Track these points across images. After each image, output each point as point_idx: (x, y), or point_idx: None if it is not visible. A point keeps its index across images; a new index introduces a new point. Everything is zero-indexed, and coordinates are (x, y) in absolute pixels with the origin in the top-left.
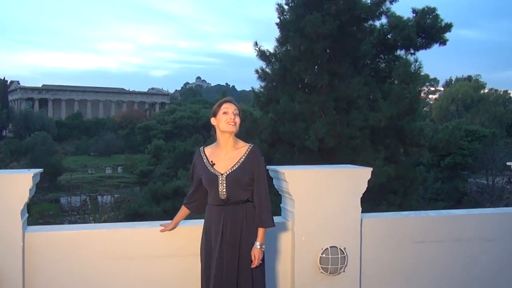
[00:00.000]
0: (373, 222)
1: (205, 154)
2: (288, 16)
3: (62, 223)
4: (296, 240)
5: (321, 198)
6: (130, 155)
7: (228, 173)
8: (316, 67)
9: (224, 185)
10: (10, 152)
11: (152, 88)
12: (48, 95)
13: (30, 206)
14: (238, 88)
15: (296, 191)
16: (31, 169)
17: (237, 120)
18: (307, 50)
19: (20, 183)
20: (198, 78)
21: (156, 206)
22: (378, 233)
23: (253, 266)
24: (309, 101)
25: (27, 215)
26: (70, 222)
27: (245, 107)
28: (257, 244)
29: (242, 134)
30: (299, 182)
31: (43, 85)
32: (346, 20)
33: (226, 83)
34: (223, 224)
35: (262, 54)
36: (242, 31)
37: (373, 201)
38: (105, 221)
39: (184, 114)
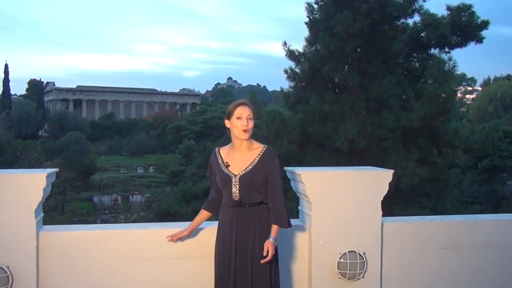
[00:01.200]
0: (395, 226)
1: (220, 155)
2: (317, 15)
3: (95, 222)
4: (313, 244)
5: (339, 200)
6: (162, 155)
7: (241, 174)
8: (346, 66)
9: (238, 186)
10: (45, 151)
11: (184, 89)
12: (82, 96)
13: (64, 205)
14: (270, 89)
15: (313, 193)
16: (46, 169)
17: (251, 125)
18: (337, 49)
19: (34, 182)
20: (230, 78)
21: (186, 206)
22: (400, 237)
23: (265, 260)
24: (339, 101)
25: (42, 214)
26: (102, 221)
27: (275, 107)
28: (271, 237)
29: (271, 134)
30: (316, 184)
31: (77, 86)
32: (377, 18)
33: (258, 84)
34: (237, 226)
35: (291, 54)
36: (273, 31)
37: (405, 203)
38: (134, 221)
39: (215, 114)
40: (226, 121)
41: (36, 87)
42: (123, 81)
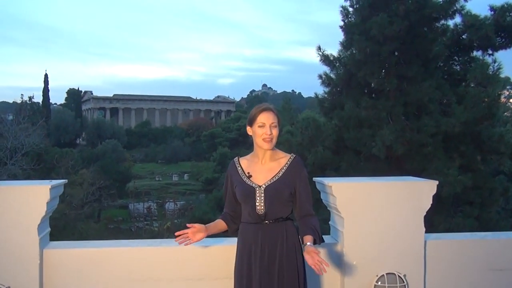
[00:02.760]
0: (440, 244)
1: (240, 165)
2: (353, 19)
3: (130, 229)
4: (346, 265)
5: (376, 216)
6: (196, 163)
7: (267, 185)
8: (383, 70)
9: (263, 198)
10: (82, 159)
11: (218, 96)
12: (118, 104)
13: (100, 212)
14: (305, 95)
15: (345, 207)
16: (53, 180)
17: (275, 132)
18: (373, 53)
19: (36, 195)
20: (264, 85)
21: (220, 214)
22: (446, 257)
23: (314, 261)
24: (376, 106)
25: (48, 229)
26: (138, 228)
27: (310, 113)
28: (307, 243)
29: (305, 141)
30: (348, 196)
31: (114, 94)
32: (415, 20)
33: (293, 90)
34: (261, 245)
35: (325, 59)
36: (307, 37)
37: (447, 212)
38: (167, 228)
39: None
40: (248, 128)
41: (74, 96)
42: (159, 89)
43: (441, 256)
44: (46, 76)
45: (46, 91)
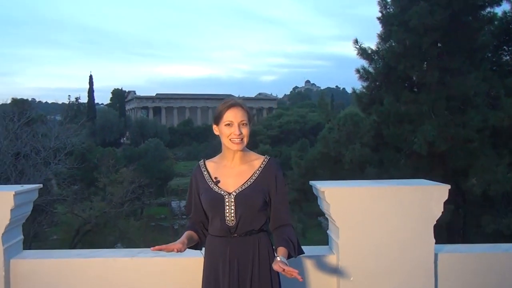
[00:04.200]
0: (454, 258)
1: (206, 169)
2: (391, 9)
3: (172, 226)
4: (341, 281)
5: (377, 225)
6: None
7: (237, 192)
8: (424, 63)
9: (233, 208)
10: (125, 158)
11: (260, 94)
12: (161, 104)
13: (142, 210)
14: (349, 91)
15: (341, 215)
16: (24, 185)
17: (245, 132)
18: (413, 45)
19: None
20: (308, 81)
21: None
22: (461, 273)
23: (279, 269)
24: (417, 100)
25: (19, 238)
26: (180, 226)
27: (352, 109)
28: (278, 257)
29: (342, 138)
30: (344, 203)
31: (156, 94)
32: (458, 8)
33: (336, 86)
34: (230, 262)
35: (363, 52)
36: (350, 32)
37: (496, 212)
38: None
39: (291, 118)
40: (214, 127)
41: (119, 96)
42: (201, 88)
43: (455, 272)
44: (91, 77)
45: (91, 91)
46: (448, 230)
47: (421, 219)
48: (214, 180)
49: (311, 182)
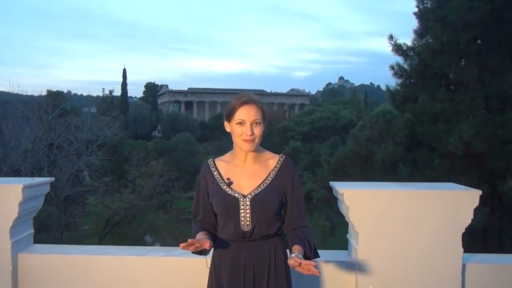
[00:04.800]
0: (484, 269)
1: (217, 169)
2: (428, 4)
3: None
4: None
5: (399, 231)
6: None
7: (253, 194)
8: (462, 60)
9: (248, 212)
10: (156, 151)
11: (292, 89)
12: (193, 98)
13: (172, 203)
14: (384, 88)
15: (360, 220)
16: (36, 178)
17: (257, 131)
18: (451, 41)
19: (7, 196)
20: (341, 78)
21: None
22: (491, 285)
23: (309, 264)
24: (453, 99)
25: (30, 232)
26: None
27: (386, 107)
28: (294, 254)
29: (374, 136)
30: (364, 207)
31: (188, 88)
32: (500, 3)
33: (371, 83)
34: (245, 267)
35: (398, 48)
36: (386, 28)
37: None
38: None
39: (323, 115)
40: (226, 123)
41: (151, 90)
42: (233, 83)
43: (484, 285)
44: (124, 70)
45: (124, 85)
46: (483, 234)
47: (449, 226)
48: (227, 181)
49: (331, 183)
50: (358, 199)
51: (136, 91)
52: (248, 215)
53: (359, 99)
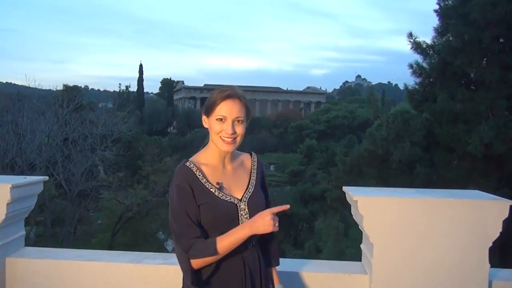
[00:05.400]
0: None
1: (201, 172)
2: (450, 2)
3: None
4: None
5: (417, 244)
6: (283, 154)
7: (247, 197)
8: (484, 59)
9: (247, 216)
10: (170, 147)
11: (308, 87)
12: (208, 94)
13: None
14: (402, 87)
15: (375, 230)
16: (28, 177)
17: (239, 130)
18: (473, 39)
19: None
20: (358, 76)
21: (304, 208)
22: None
23: None
24: (474, 99)
25: (20, 233)
26: None
27: (404, 106)
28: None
29: (391, 136)
30: (379, 216)
31: (204, 84)
32: None
33: (389, 82)
34: (245, 278)
35: (417, 47)
36: (406, 26)
37: None
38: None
39: (339, 113)
40: (204, 118)
41: (167, 86)
42: (249, 80)
43: None
44: (141, 66)
45: (140, 80)
46: (501, 244)
47: (474, 239)
48: (217, 186)
49: (344, 188)
50: (373, 207)
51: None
52: (247, 220)
53: (376, 98)
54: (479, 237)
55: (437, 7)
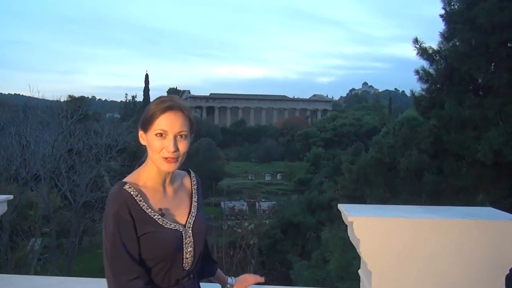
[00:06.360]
0: None
1: (142, 196)
2: (456, 6)
3: (221, 228)
4: None
5: (422, 272)
6: (290, 162)
7: (191, 223)
8: (492, 64)
9: (191, 245)
10: None
11: (315, 95)
12: (214, 103)
13: None
14: (409, 94)
15: (374, 257)
16: None
17: (183, 147)
18: (480, 44)
19: None
20: (365, 83)
21: (311, 217)
22: None
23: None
24: (482, 105)
25: None
26: (229, 227)
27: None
28: (231, 279)
29: (398, 143)
30: (378, 240)
31: (210, 93)
32: None
33: (395, 88)
34: None
35: (423, 52)
36: (412, 32)
37: None
38: (251, 231)
39: (346, 121)
40: (140, 133)
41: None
42: (255, 88)
43: None
44: (146, 76)
45: (146, 90)
46: None
47: (488, 266)
48: (159, 212)
49: (340, 207)
50: (372, 230)
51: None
52: (191, 249)
53: (382, 105)
54: (495, 263)
55: (442, 11)
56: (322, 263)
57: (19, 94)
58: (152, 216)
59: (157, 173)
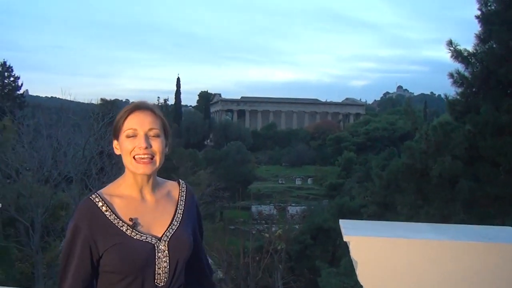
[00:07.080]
0: None
1: (109, 207)
2: (492, 7)
3: (250, 231)
4: None
5: None
6: (321, 167)
7: (169, 236)
8: None
9: (166, 260)
10: (206, 160)
11: (347, 99)
12: (245, 107)
13: (222, 213)
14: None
15: (371, 281)
16: None
17: (157, 145)
18: None
19: None
20: (400, 87)
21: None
22: None
23: None
24: None
25: None
26: (258, 231)
27: (446, 117)
28: None
29: (430, 149)
30: (378, 264)
31: (241, 97)
32: None
33: (431, 92)
34: None
35: (458, 55)
36: (450, 35)
37: None
38: (279, 236)
39: (379, 125)
40: (114, 143)
41: (205, 99)
42: (288, 92)
43: None
44: (178, 79)
45: (178, 94)
46: None
47: None
48: (130, 223)
49: (340, 223)
50: (370, 252)
51: (190, 99)
52: (165, 264)
53: (414, 110)
54: None
55: (478, 13)
56: (351, 271)
57: (55, 97)
58: (119, 227)
59: (133, 180)
